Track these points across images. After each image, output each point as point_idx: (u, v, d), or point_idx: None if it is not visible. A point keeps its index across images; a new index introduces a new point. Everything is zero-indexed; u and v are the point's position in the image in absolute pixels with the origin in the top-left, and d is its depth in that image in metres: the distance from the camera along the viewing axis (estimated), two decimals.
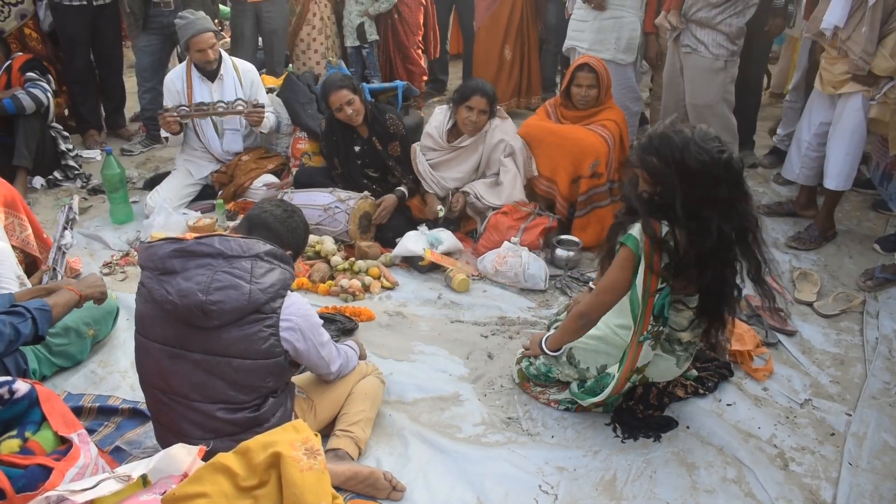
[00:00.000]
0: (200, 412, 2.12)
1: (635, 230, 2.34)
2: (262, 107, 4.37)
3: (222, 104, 4.32)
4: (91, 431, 2.53)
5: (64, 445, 1.92)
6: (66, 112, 5.66)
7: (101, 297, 2.70)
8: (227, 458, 1.69)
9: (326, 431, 2.47)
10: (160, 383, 2.15)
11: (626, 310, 2.46)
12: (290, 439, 1.71)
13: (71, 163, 4.97)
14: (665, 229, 2.29)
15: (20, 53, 4.97)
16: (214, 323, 2.03)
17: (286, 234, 2.34)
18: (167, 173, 4.72)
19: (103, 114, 5.83)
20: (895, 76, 3.42)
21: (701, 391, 2.80)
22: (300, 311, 2.16)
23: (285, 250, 2.23)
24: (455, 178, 4.10)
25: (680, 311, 2.51)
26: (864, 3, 3.38)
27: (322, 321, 2.30)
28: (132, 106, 6.11)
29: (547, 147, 3.97)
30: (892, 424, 2.68)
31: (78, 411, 2.63)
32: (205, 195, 4.62)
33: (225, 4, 5.86)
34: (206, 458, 1.78)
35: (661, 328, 2.44)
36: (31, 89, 4.63)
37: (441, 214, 4.03)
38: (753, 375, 2.92)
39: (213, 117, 4.41)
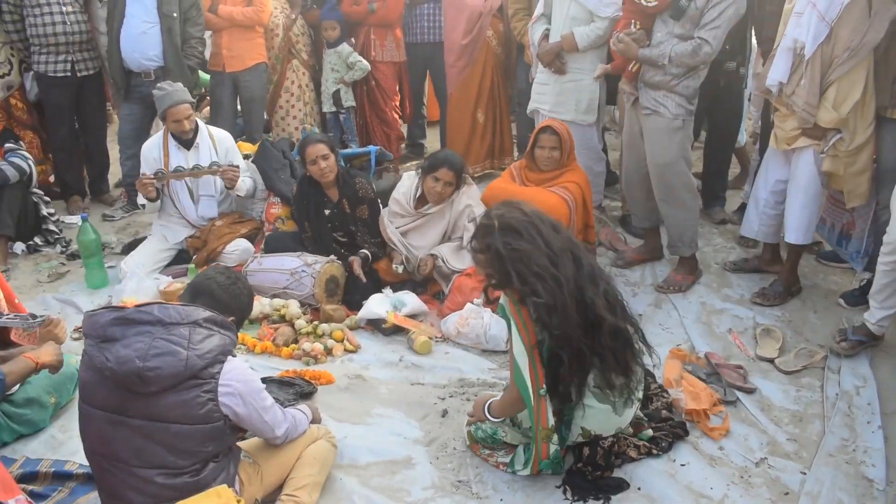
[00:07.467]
0: (140, 478, 2.13)
1: (501, 299, 2.60)
2: (237, 167, 4.47)
3: (199, 167, 4.42)
4: (44, 497, 2.53)
5: None
6: (52, 179, 5.78)
7: (57, 366, 2.73)
8: None
9: (274, 497, 2.47)
10: (102, 449, 2.17)
11: None
12: None
13: (52, 227, 5.03)
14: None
15: None
16: (152, 389, 2.06)
17: (230, 301, 2.40)
18: (145, 238, 4.78)
19: (87, 180, 5.94)
20: (840, 128, 3.51)
21: (655, 451, 2.77)
22: (240, 377, 2.19)
23: (228, 317, 2.28)
24: (423, 247, 4.15)
25: None
26: (803, 58, 3.50)
27: (265, 385, 2.33)
28: (117, 172, 6.21)
29: None
30: (848, 482, 2.65)
31: (34, 476, 2.62)
32: (181, 259, 4.65)
33: (206, 72, 6.01)
34: None
35: None
36: (12, 159, 4.73)
37: (399, 271, 4.07)
38: (709, 434, 2.91)
39: (189, 183, 4.50)
